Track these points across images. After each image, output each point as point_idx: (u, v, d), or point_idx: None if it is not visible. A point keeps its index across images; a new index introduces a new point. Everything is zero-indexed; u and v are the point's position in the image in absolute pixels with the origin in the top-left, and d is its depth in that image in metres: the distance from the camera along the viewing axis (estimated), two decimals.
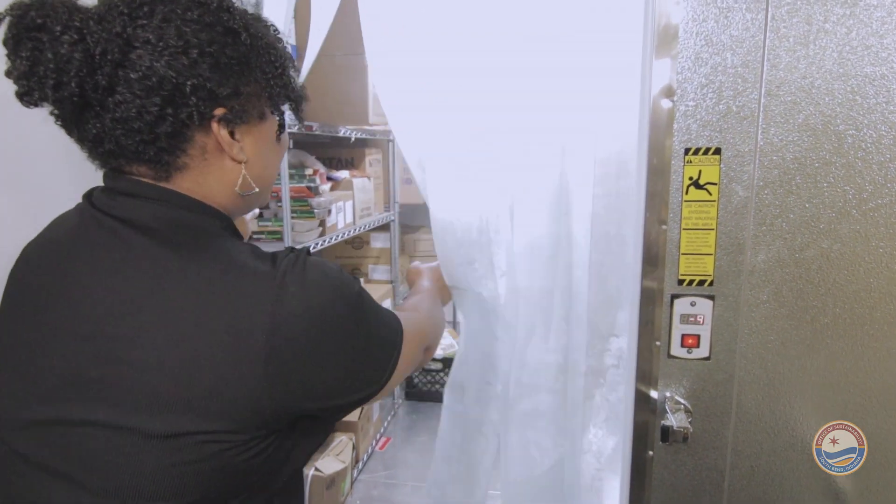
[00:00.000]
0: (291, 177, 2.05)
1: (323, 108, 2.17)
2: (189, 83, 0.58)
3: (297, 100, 0.72)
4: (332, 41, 2.22)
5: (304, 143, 2.78)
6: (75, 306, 0.58)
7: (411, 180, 3.21)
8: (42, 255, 0.64)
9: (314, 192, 2.02)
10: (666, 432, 0.83)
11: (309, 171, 2.11)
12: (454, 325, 3.77)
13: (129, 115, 0.57)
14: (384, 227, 2.95)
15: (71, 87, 0.54)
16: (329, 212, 2.08)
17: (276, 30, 0.70)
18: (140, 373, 0.54)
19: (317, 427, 0.66)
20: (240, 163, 0.65)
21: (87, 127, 0.59)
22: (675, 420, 0.84)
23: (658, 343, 0.86)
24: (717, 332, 0.84)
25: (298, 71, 0.76)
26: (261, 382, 0.55)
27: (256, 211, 1.03)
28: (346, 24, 2.23)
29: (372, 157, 2.73)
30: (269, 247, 1.97)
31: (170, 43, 0.57)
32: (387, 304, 2.85)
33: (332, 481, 2.05)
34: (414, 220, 3.86)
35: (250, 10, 0.67)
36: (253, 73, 0.64)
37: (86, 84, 0.55)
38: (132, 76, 0.56)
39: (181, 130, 0.60)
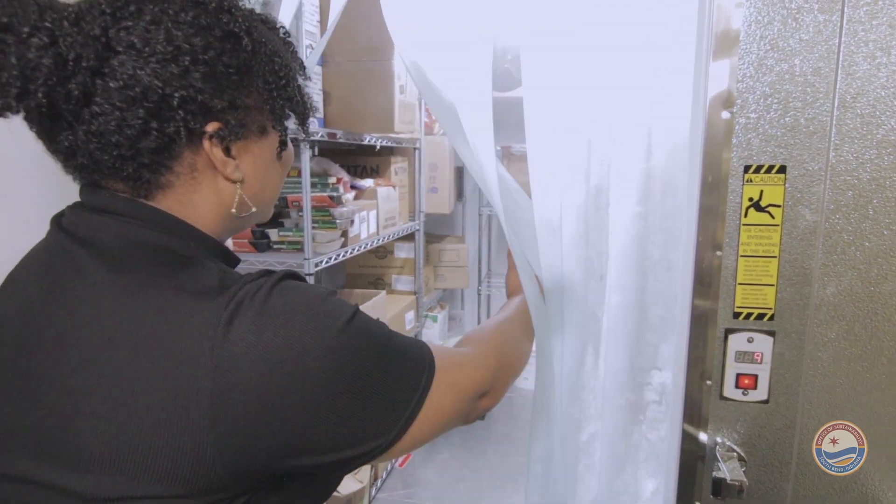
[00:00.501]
0: (314, 185, 2.00)
1: (347, 115, 2.12)
2: (177, 94, 0.51)
3: (302, 112, 0.65)
4: (357, 47, 2.17)
5: (329, 151, 2.74)
6: (28, 352, 0.52)
7: (437, 189, 3.14)
8: (4, 292, 0.58)
9: (336, 201, 1.97)
10: (718, 486, 0.74)
11: (332, 180, 2.06)
12: None
13: (106, 129, 0.50)
14: (409, 237, 2.88)
15: (38, 98, 0.48)
16: (351, 222, 2.02)
17: (285, 31, 0.63)
18: (79, 430, 0.48)
19: (309, 485, 0.57)
20: (235, 182, 0.58)
21: (59, 139, 0.52)
22: (727, 470, 0.74)
23: (709, 382, 0.77)
24: (778, 372, 0.75)
25: (309, 78, 0.68)
26: (207, 442, 0.47)
27: None
28: (372, 31, 2.18)
29: (397, 166, 2.67)
30: (289, 258, 1.91)
31: (157, 48, 0.50)
32: (409, 316, 2.79)
33: (350, 501, 1.98)
34: (439, 229, 3.80)
35: (258, 9, 0.60)
36: (254, 83, 0.57)
37: (55, 94, 0.49)
38: (112, 85, 0.49)
39: (167, 146, 0.53)
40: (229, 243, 1.91)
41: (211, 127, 0.54)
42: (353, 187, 2.27)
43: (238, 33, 0.55)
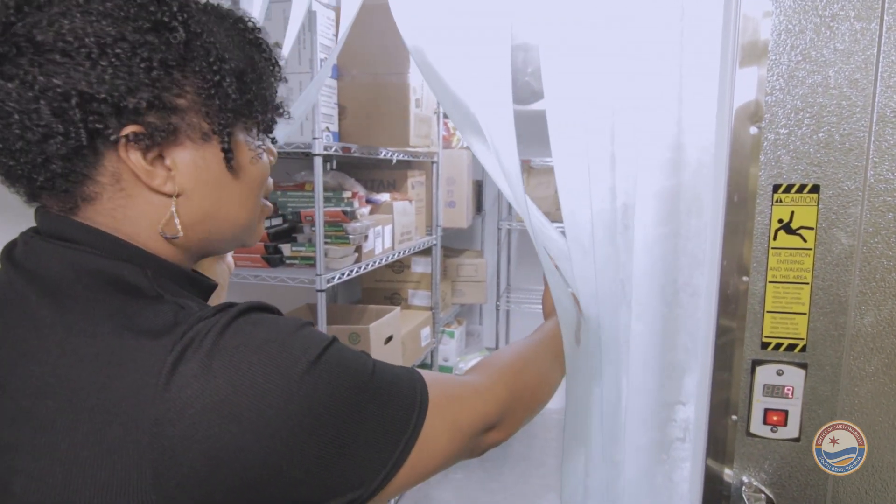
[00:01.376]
0: (328, 200, 1.97)
1: (363, 128, 2.10)
2: (76, 91, 0.44)
3: (256, 115, 0.56)
4: (372, 60, 2.15)
5: (347, 165, 2.72)
6: None
7: (455, 203, 3.11)
8: None
9: (350, 216, 1.94)
10: None
11: (347, 194, 2.03)
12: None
13: (10, 134, 0.45)
14: (426, 252, 2.84)
15: None
16: (365, 237, 1.99)
17: (254, 28, 0.56)
18: (13, 491, 0.44)
19: None
20: (169, 196, 0.51)
21: None
22: None
23: (734, 417, 0.72)
24: (810, 408, 0.69)
25: (284, 80, 0.61)
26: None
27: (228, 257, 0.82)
28: (387, 44, 2.17)
29: (415, 179, 2.64)
30: (302, 273, 1.87)
31: (59, 44, 0.44)
32: (425, 332, 2.74)
33: None
34: (457, 243, 3.76)
35: (226, 3, 0.55)
36: (189, 80, 0.50)
37: None
38: (9, 86, 0.44)
39: (76, 152, 0.46)
40: (239, 255, 1.89)
41: (129, 129, 0.47)
42: (368, 201, 2.24)
43: (169, 23, 0.48)
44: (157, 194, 0.51)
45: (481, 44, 0.80)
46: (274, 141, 0.63)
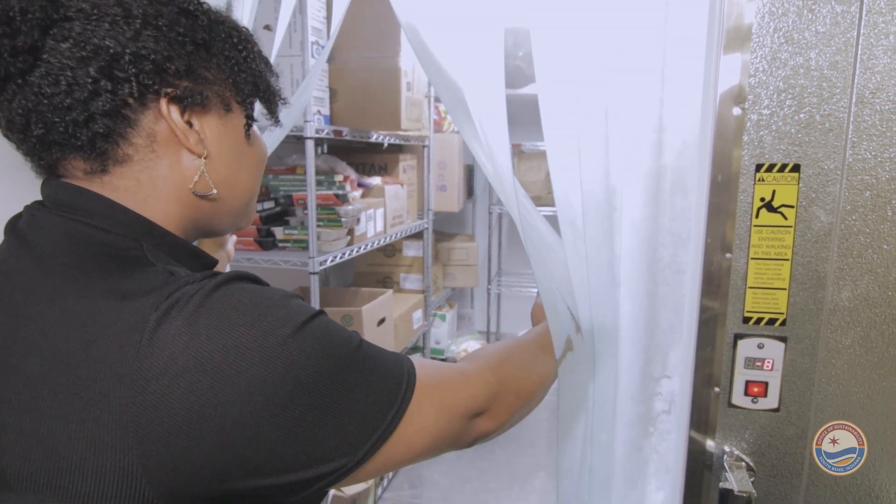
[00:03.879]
0: (320, 183, 1.98)
1: (354, 112, 2.10)
2: (128, 51, 0.49)
3: (268, 95, 0.63)
4: (364, 44, 2.15)
5: (338, 149, 2.72)
6: None
7: (446, 187, 3.12)
8: None
9: (342, 199, 1.95)
10: (725, 497, 0.71)
11: (339, 178, 2.04)
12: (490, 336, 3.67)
13: (57, 90, 0.48)
14: (417, 236, 2.86)
15: None
16: (358, 220, 2.01)
17: (247, 31, 0.62)
18: (0, 444, 0.45)
19: None
20: (199, 157, 0.55)
21: (13, 106, 0.49)
22: (735, 481, 0.71)
23: (717, 389, 0.74)
24: (789, 379, 0.72)
25: (276, 75, 0.66)
26: (132, 461, 0.43)
27: (234, 238, 0.87)
28: (379, 27, 2.16)
29: (406, 163, 2.65)
30: (295, 256, 1.89)
31: (107, 11, 0.49)
32: (417, 315, 2.77)
33: (355, 502, 1.97)
34: (449, 227, 3.78)
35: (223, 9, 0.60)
36: (214, 58, 0.56)
37: (2, 48, 0.47)
38: (62, 45, 0.48)
39: (120, 110, 0.50)
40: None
41: (168, 90, 0.52)
42: (360, 185, 2.25)
43: (194, 12, 0.54)
44: (186, 156, 0.55)
45: (475, 22, 0.81)
46: (278, 123, 0.68)
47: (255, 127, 0.63)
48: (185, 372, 0.43)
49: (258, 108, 0.64)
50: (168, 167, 0.54)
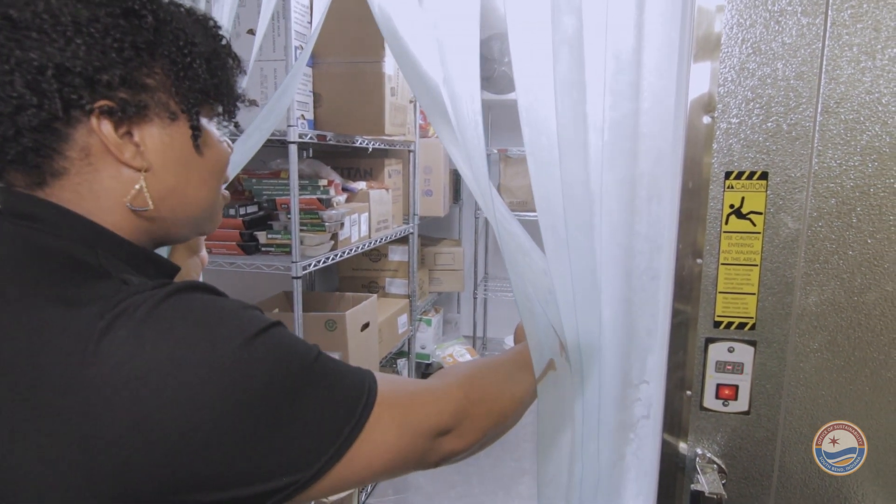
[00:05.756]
0: (304, 188, 1.98)
1: (338, 116, 2.10)
2: (53, 64, 0.47)
3: (222, 98, 0.59)
4: (348, 48, 2.16)
5: (323, 153, 2.72)
6: None
7: (432, 192, 3.13)
8: None
9: (326, 203, 1.95)
10: (697, 498, 0.72)
11: (323, 182, 2.04)
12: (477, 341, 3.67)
13: None
14: (403, 240, 2.86)
15: None
16: (342, 225, 2.01)
17: (215, 25, 0.59)
18: None
19: None
20: (139, 170, 0.53)
21: None
22: (706, 483, 0.72)
23: (689, 392, 0.75)
24: (759, 382, 0.73)
25: (245, 72, 0.64)
26: (77, 474, 0.42)
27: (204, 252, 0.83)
28: (362, 32, 2.17)
29: (391, 168, 2.66)
30: (278, 261, 1.88)
31: (35, 21, 0.46)
32: (402, 319, 2.77)
33: None
34: (435, 232, 3.79)
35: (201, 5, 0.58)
36: (158, 62, 0.53)
37: None
38: None
39: (49, 124, 0.48)
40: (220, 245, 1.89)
41: (100, 103, 0.49)
42: (345, 190, 2.25)
43: (139, 11, 0.51)
44: (125, 169, 0.52)
45: (449, 9, 0.81)
46: (238, 126, 0.66)
47: (213, 133, 0.60)
48: (129, 382, 0.43)
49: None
50: (110, 179, 0.52)
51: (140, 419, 0.43)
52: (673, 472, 0.78)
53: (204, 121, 0.58)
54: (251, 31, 1.72)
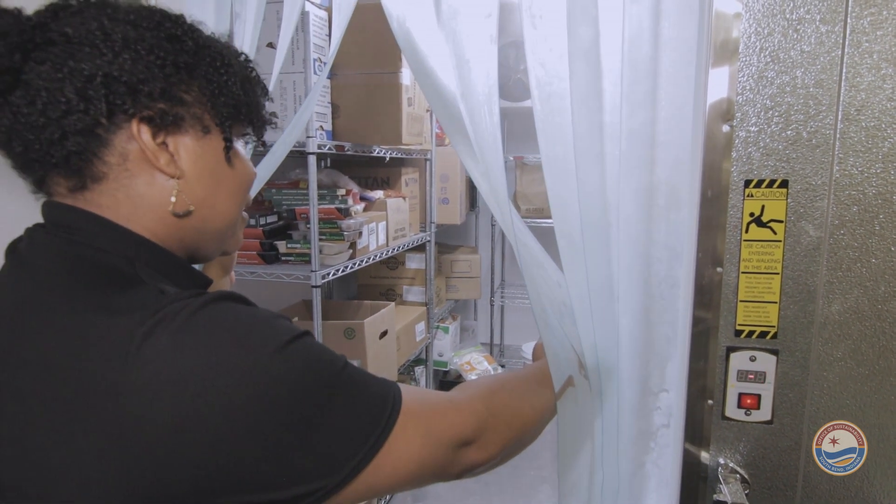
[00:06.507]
0: (322, 197, 2.00)
1: (356, 127, 2.12)
2: (101, 73, 0.51)
3: (251, 118, 0.63)
4: (365, 60, 2.18)
5: (341, 163, 2.75)
6: None
7: (448, 200, 3.14)
8: None
9: (344, 213, 1.97)
10: None
11: (341, 192, 2.06)
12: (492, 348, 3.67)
13: (33, 109, 0.50)
14: (420, 248, 2.87)
15: None
16: (360, 233, 2.02)
17: (246, 59, 0.64)
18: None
19: None
20: (172, 177, 0.56)
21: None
22: (728, 493, 0.72)
23: (710, 402, 0.75)
24: (782, 392, 0.72)
25: (271, 99, 0.68)
26: (113, 474, 0.44)
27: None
28: (380, 43, 2.19)
29: (408, 177, 2.67)
30: (297, 270, 1.90)
31: (88, 37, 0.51)
32: (420, 327, 2.78)
33: None
34: (452, 239, 3.79)
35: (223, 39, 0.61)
36: (196, 81, 0.57)
37: None
38: (41, 68, 0.50)
39: (93, 129, 0.52)
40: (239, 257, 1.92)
41: (141, 111, 0.53)
42: (362, 199, 2.27)
43: (181, 37, 0.55)
44: (160, 175, 0.55)
45: (466, 18, 0.81)
46: (265, 144, 0.69)
47: (240, 150, 0.63)
48: (168, 386, 0.44)
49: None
50: (144, 185, 0.55)
51: (178, 422, 0.44)
52: (695, 481, 0.78)
53: (235, 137, 0.62)
54: (271, 45, 1.74)
